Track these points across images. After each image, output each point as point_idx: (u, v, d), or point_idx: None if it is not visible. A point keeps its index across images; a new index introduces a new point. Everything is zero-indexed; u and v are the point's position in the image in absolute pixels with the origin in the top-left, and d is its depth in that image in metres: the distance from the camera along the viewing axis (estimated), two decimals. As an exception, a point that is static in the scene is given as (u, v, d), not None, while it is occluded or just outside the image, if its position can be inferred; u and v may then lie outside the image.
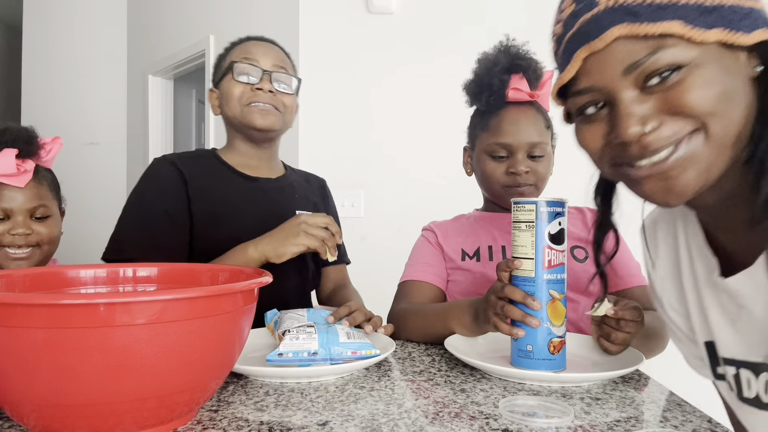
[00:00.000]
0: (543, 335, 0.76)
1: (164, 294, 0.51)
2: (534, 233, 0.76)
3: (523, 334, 0.76)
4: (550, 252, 0.76)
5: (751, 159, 0.55)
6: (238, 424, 0.59)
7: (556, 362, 0.76)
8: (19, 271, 0.68)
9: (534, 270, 0.76)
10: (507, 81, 1.04)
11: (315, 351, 0.75)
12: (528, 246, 0.77)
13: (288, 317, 0.85)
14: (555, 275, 0.77)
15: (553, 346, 0.76)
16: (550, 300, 0.76)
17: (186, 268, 0.77)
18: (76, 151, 3.71)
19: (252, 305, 0.62)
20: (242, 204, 1.12)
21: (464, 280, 1.07)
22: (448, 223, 1.17)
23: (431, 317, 0.96)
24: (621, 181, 0.62)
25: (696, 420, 0.61)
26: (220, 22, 2.86)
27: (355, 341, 0.78)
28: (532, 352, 0.76)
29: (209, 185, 1.10)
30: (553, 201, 0.77)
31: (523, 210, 0.78)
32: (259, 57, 1.12)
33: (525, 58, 1.05)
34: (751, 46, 0.53)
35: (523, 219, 0.78)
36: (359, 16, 2.26)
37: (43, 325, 0.47)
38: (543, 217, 0.76)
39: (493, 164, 1.07)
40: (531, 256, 0.77)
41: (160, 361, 0.51)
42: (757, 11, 0.53)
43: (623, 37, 0.52)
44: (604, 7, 0.53)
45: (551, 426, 0.58)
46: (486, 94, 1.05)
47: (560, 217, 0.77)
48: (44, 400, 0.49)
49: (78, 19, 3.74)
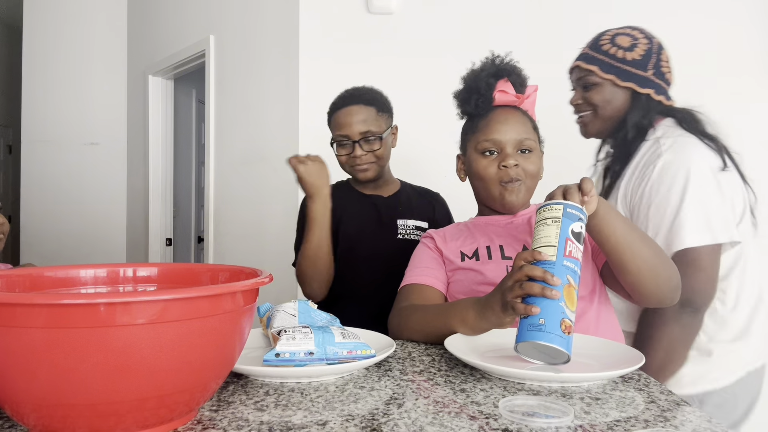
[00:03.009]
0: (558, 310, 0.76)
1: (164, 294, 0.51)
2: (559, 226, 0.80)
3: (539, 310, 0.76)
4: (571, 244, 0.80)
5: None
6: (238, 423, 0.59)
7: (565, 341, 0.76)
8: (19, 271, 0.68)
9: (555, 255, 0.79)
10: (493, 84, 1.11)
11: (311, 351, 0.75)
12: (552, 236, 0.80)
13: (280, 315, 0.85)
14: (573, 264, 0.79)
15: (564, 325, 0.76)
16: (567, 284, 0.77)
17: (186, 268, 0.77)
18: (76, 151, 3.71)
19: (252, 305, 0.62)
20: (358, 214, 1.46)
21: (464, 279, 1.08)
22: (445, 229, 1.19)
23: (433, 316, 0.96)
24: None
25: (696, 420, 0.61)
26: (220, 22, 2.86)
27: (350, 341, 0.78)
28: (544, 325, 0.75)
29: (341, 203, 1.43)
30: (579, 207, 0.83)
31: (551, 209, 0.82)
32: (346, 128, 1.40)
33: (509, 65, 1.13)
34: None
35: (549, 216, 0.82)
36: (359, 16, 2.26)
37: (43, 325, 0.47)
38: (569, 215, 0.81)
39: (485, 161, 1.10)
40: (554, 244, 0.79)
41: (161, 360, 0.51)
42: None
43: None
44: None
45: (551, 426, 0.58)
46: (474, 97, 1.12)
47: (582, 222, 0.82)
48: (44, 399, 0.49)
49: (78, 19, 3.74)
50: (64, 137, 3.71)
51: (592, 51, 1.28)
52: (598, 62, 1.26)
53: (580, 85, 1.31)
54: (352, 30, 2.27)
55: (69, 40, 3.73)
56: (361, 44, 2.25)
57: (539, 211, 0.84)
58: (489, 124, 1.10)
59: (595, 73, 1.26)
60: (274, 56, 2.46)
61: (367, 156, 1.41)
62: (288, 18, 2.34)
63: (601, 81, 1.26)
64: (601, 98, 1.26)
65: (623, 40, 1.26)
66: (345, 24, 2.27)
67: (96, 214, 3.74)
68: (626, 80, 1.24)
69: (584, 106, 1.31)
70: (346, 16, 2.26)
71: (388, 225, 1.45)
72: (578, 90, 1.32)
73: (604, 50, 1.26)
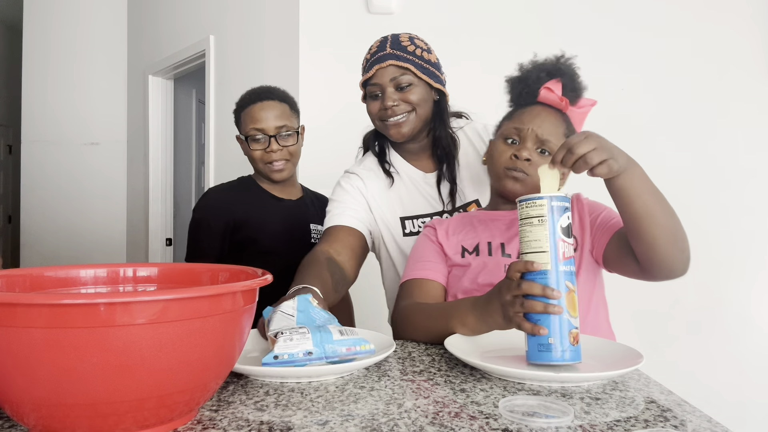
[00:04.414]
0: (565, 326, 0.75)
1: (164, 294, 0.51)
2: (547, 227, 0.77)
3: (547, 331, 0.75)
4: (563, 244, 0.77)
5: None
6: (238, 423, 0.59)
7: (576, 353, 0.76)
8: (19, 271, 0.68)
9: (550, 262, 0.76)
10: (543, 80, 1.06)
11: (310, 351, 0.75)
12: (542, 240, 0.77)
13: (277, 317, 0.84)
14: (568, 267, 0.77)
15: (572, 336, 0.76)
16: (567, 291, 0.76)
17: (186, 268, 0.77)
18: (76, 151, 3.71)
19: (252, 305, 0.62)
20: (270, 218, 1.46)
21: (463, 275, 1.08)
22: (449, 221, 1.18)
23: (433, 316, 0.96)
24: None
25: (696, 420, 0.61)
26: (220, 22, 2.86)
27: (348, 338, 0.77)
28: (554, 344, 0.75)
29: (248, 205, 1.45)
30: (562, 196, 0.78)
31: (534, 205, 0.78)
32: (263, 122, 1.42)
33: (568, 68, 1.07)
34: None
35: (534, 214, 0.78)
36: (359, 16, 2.26)
37: (43, 325, 0.47)
38: (555, 211, 0.77)
39: (502, 147, 1.07)
40: (546, 249, 0.76)
41: (161, 360, 0.51)
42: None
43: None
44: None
45: (551, 426, 0.58)
46: (521, 87, 1.10)
47: (568, 212, 0.78)
48: (44, 399, 0.49)
49: (78, 19, 3.74)
50: (64, 137, 3.71)
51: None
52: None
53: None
54: (352, 30, 2.26)
55: (69, 40, 3.73)
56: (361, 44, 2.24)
57: (521, 205, 0.80)
58: (521, 115, 1.07)
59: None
60: (274, 56, 2.46)
61: (282, 152, 1.42)
62: (288, 18, 2.34)
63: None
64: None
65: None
66: (345, 24, 2.27)
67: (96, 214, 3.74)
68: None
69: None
70: (346, 16, 2.26)
71: (303, 230, 1.47)
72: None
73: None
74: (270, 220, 1.45)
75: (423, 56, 1.27)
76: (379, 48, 1.28)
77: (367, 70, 1.28)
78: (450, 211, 1.31)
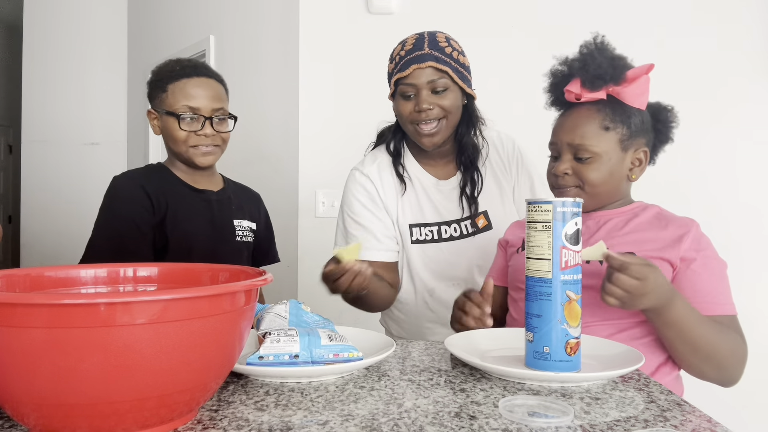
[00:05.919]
0: (560, 336, 0.75)
1: (165, 294, 0.51)
2: (551, 234, 0.76)
3: (491, 323, 0.90)
4: (567, 252, 0.76)
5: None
6: (239, 423, 0.59)
7: (572, 363, 0.76)
8: (19, 271, 0.68)
9: (551, 271, 0.76)
10: (565, 82, 1.03)
11: (296, 354, 0.74)
12: (544, 246, 0.76)
13: (268, 317, 0.84)
14: (571, 276, 0.76)
15: (569, 347, 0.75)
16: (567, 301, 0.75)
17: (186, 268, 0.77)
18: (76, 151, 3.71)
19: (252, 305, 0.62)
20: (191, 212, 1.28)
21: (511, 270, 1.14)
22: (519, 230, 1.20)
23: None
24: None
25: (696, 420, 0.61)
26: (220, 22, 2.86)
27: (337, 344, 0.77)
28: (548, 353, 0.75)
29: (167, 197, 1.25)
30: (570, 201, 0.76)
31: (539, 210, 0.77)
32: (199, 101, 1.23)
33: (581, 60, 1.01)
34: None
35: (539, 219, 0.77)
36: (359, 16, 2.26)
37: (43, 325, 0.47)
38: (559, 217, 0.76)
39: (550, 164, 1.07)
40: (548, 257, 0.76)
41: (161, 360, 0.51)
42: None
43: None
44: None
45: (551, 426, 0.58)
46: (548, 97, 1.09)
47: (576, 218, 0.76)
48: (44, 399, 0.49)
49: (78, 19, 3.74)
50: (64, 137, 3.71)
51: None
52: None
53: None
54: (352, 30, 2.26)
55: (69, 40, 3.73)
56: (361, 44, 2.25)
57: (529, 207, 0.79)
58: (554, 127, 1.06)
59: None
60: (274, 56, 2.46)
61: (215, 137, 1.25)
62: (288, 18, 2.34)
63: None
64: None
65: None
66: (345, 24, 2.27)
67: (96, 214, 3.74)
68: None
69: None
70: (346, 16, 2.26)
71: (225, 226, 1.31)
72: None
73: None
74: (189, 215, 1.27)
75: (459, 59, 1.23)
76: (416, 46, 1.21)
77: (402, 69, 1.20)
78: (458, 220, 1.31)
